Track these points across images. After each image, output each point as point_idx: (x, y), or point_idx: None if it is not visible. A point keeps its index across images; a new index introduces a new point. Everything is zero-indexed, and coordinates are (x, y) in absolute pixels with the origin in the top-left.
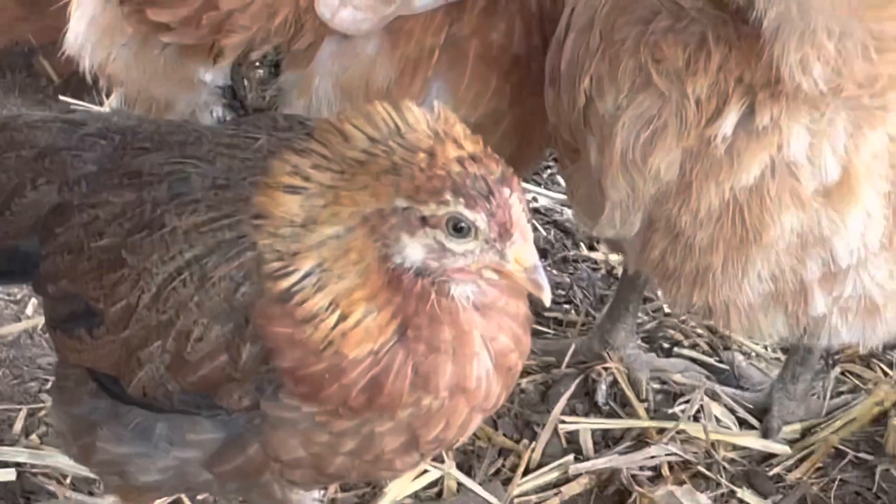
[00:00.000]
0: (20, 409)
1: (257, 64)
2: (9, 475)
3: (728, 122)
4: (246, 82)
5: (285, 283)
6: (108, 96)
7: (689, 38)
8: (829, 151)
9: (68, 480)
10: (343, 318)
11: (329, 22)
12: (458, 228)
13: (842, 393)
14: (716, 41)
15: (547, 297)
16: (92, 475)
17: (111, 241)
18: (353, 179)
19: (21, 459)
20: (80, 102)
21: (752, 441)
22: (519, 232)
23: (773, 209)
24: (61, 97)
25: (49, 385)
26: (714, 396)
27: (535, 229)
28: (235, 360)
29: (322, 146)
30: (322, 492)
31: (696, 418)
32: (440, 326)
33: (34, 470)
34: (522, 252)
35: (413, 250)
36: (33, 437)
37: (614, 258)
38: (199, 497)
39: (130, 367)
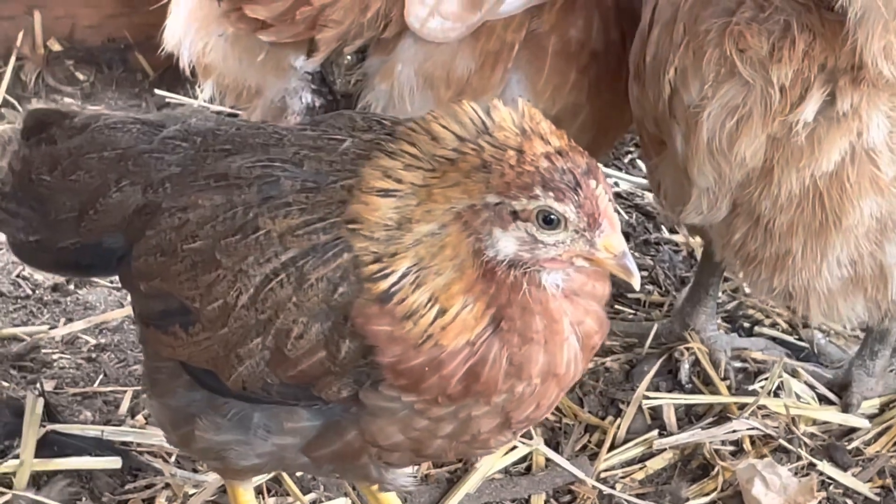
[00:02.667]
0: (125, 392)
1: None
2: (114, 463)
3: (810, 109)
4: (335, 68)
5: (384, 285)
6: (200, 89)
7: (774, 27)
8: None
9: (173, 458)
10: (442, 312)
11: (418, 31)
12: (549, 220)
13: None
14: (800, 29)
15: (636, 282)
16: None
17: (204, 243)
18: (445, 177)
19: (127, 439)
20: (175, 95)
21: (832, 416)
22: (607, 221)
23: (853, 195)
24: (156, 90)
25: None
26: (794, 373)
27: (618, 214)
28: (334, 356)
29: (411, 146)
30: (416, 468)
31: (776, 394)
32: (532, 316)
33: (140, 449)
34: (611, 240)
35: (506, 243)
36: (139, 417)
37: (695, 241)
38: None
39: (230, 362)
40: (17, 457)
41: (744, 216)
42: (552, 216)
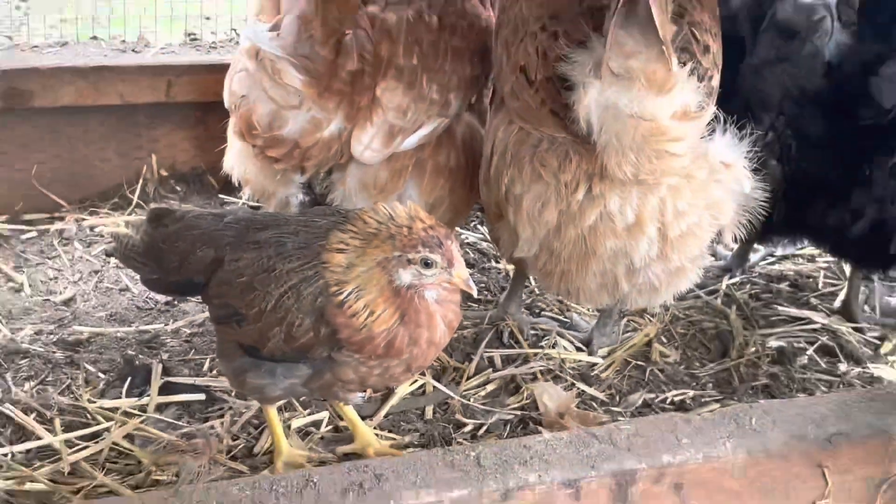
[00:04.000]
0: (206, 359)
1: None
2: (200, 397)
3: (580, 194)
4: (315, 181)
5: (341, 298)
6: (242, 194)
7: (560, 151)
8: (629, 208)
9: (233, 394)
10: (372, 313)
11: (359, 158)
12: (427, 264)
13: (628, 331)
14: (573, 152)
15: (475, 293)
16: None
17: (247, 278)
18: (371, 243)
19: (208, 384)
20: (230, 198)
21: (583, 357)
22: (457, 262)
23: (601, 238)
24: (220, 195)
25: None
26: (562, 336)
27: (466, 255)
28: (318, 335)
29: (354, 226)
30: (363, 393)
31: (553, 347)
32: (420, 314)
33: (215, 389)
34: (460, 272)
35: (405, 277)
36: (214, 372)
37: (510, 267)
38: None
39: (263, 341)
40: (148, 395)
41: (545, 252)
42: (429, 261)
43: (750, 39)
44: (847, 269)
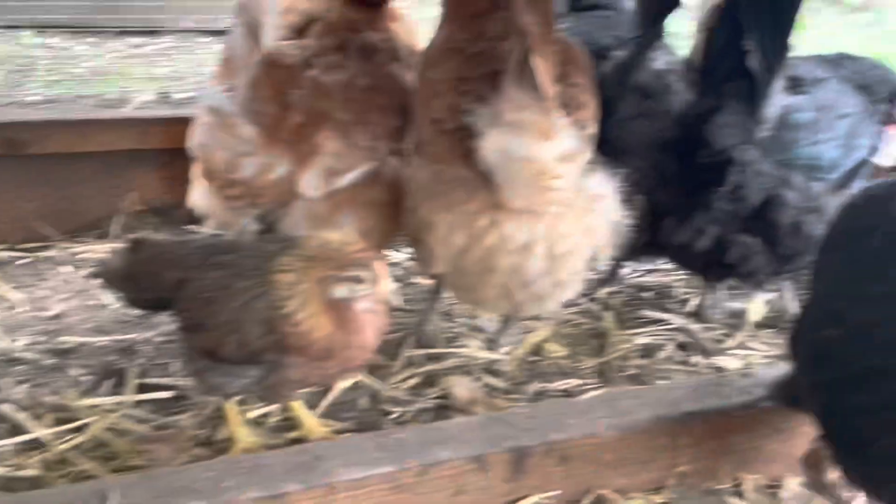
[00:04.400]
0: (174, 362)
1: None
2: (169, 394)
3: (483, 221)
4: (267, 213)
5: (287, 310)
6: (206, 224)
7: (468, 187)
8: (522, 232)
9: (197, 392)
10: (312, 323)
11: (304, 194)
12: (358, 281)
13: (526, 332)
14: (478, 187)
15: (400, 303)
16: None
17: (210, 294)
18: (311, 264)
19: (177, 383)
20: (195, 228)
21: (489, 354)
22: (383, 278)
23: (499, 257)
24: (187, 226)
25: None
26: (472, 336)
27: (394, 271)
28: (267, 342)
29: (297, 251)
30: (306, 390)
31: (465, 346)
32: (353, 323)
33: (183, 388)
34: (385, 286)
35: (340, 292)
36: (181, 373)
37: (430, 281)
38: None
39: (221, 347)
40: (125, 394)
41: (456, 269)
42: (359, 279)
43: (615, 99)
44: (698, 279)
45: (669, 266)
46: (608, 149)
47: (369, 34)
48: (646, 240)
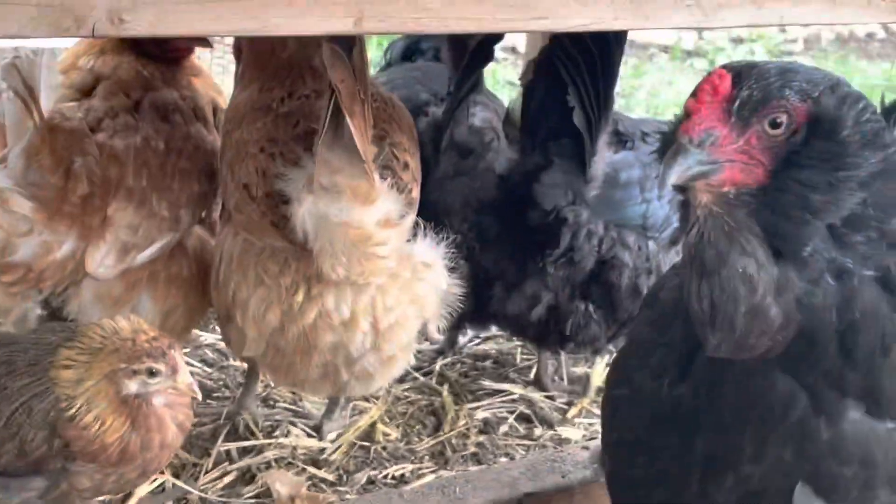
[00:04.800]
0: None
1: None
2: None
3: (300, 296)
4: (51, 297)
5: (72, 412)
6: None
7: (280, 258)
8: (344, 305)
9: None
10: (102, 424)
11: (93, 274)
12: (152, 373)
13: (354, 414)
14: (293, 259)
15: (199, 397)
16: None
17: None
18: (98, 356)
19: None
20: None
21: (313, 442)
22: (181, 369)
23: (321, 334)
24: None
25: None
26: (295, 424)
27: (205, 355)
28: (51, 449)
29: (80, 343)
30: (104, 497)
31: (286, 435)
32: (150, 420)
33: None
34: (183, 378)
35: (132, 386)
36: None
37: (245, 365)
38: None
39: None
40: None
41: (272, 349)
42: (153, 371)
43: (433, 158)
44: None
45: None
46: (427, 212)
47: (166, 92)
48: (472, 309)
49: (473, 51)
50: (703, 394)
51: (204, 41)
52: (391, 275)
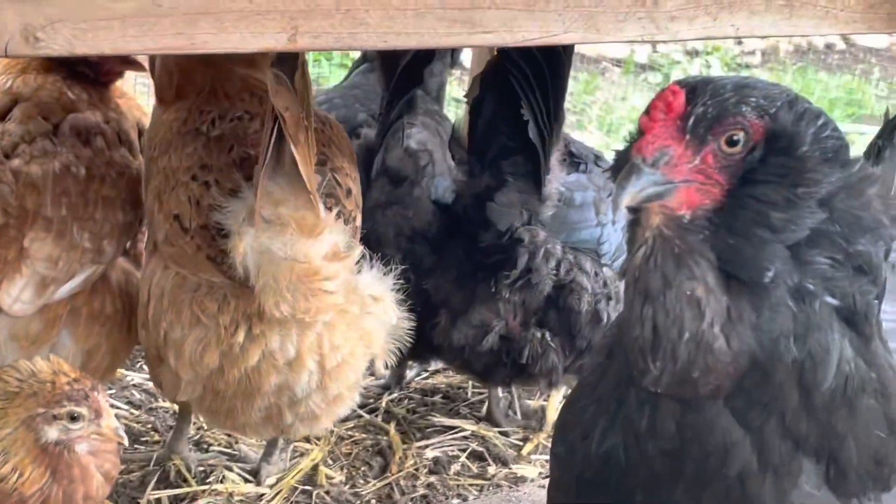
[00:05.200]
0: None
1: None
2: None
3: (241, 336)
4: None
5: None
6: None
7: (218, 295)
8: (289, 345)
9: None
10: (21, 475)
11: (8, 311)
12: (74, 418)
13: (295, 456)
14: (232, 296)
15: (125, 443)
16: None
17: None
18: (13, 402)
19: None
20: None
21: (251, 488)
22: (105, 412)
23: (265, 376)
24: None
25: None
26: (231, 468)
27: (132, 396)
28: None
29: None
30: None
31: (221, 481)
32: (73, 469)
33: None
34: (108, 422)
35: (52, 433)
36: None
37: (175, 406)
38: None
39: None
40: None
41: (210, 393)
42: (75, 415)
43: (364, 185)
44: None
45: None
46: (363, 242)
47: (88, 114)
48: (414, 342)
49: (402, 70)
50: (632, 445)
51: (136, 64)
52: (339, 311)
